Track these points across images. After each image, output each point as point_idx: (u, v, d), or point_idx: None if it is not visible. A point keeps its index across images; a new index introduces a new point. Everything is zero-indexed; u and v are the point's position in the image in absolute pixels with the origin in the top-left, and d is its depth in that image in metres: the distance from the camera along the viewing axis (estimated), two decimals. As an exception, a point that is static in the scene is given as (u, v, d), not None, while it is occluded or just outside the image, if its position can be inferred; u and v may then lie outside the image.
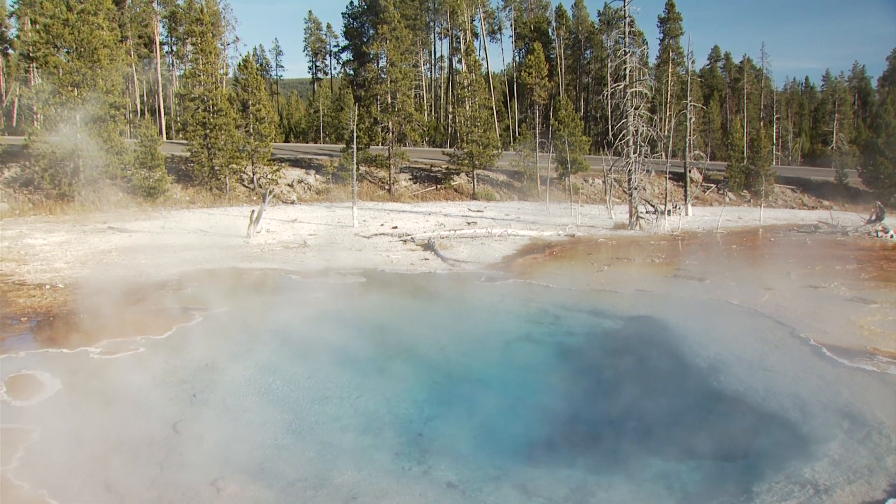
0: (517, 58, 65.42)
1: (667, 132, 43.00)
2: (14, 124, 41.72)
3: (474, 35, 61.87)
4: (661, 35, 61.55)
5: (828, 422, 8.02)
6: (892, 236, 24.75)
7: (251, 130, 32.77)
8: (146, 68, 54.33)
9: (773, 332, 11.48)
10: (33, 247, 18.94)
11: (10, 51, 44.63)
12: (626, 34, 29.42)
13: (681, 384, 10.07)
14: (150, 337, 11.04)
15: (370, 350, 11.88)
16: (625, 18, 29.02)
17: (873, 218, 27.21)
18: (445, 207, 33.48)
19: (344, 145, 38.17)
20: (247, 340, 11.53)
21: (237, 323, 12.29)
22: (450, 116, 55.47)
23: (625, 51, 27.72)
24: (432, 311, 14.08)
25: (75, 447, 7.57)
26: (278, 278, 16.18)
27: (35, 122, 31.83)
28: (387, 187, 36.94)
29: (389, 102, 37.54)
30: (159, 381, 9.60)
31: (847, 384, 8.97)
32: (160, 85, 52.73)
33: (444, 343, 12.45)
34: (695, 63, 55.09)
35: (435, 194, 37.77)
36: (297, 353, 11.24)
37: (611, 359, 11.42)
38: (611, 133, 29.84)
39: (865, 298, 13.76)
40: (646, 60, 57.14)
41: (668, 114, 49.93)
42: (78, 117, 26.67)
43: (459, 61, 57.27)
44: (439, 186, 38.44)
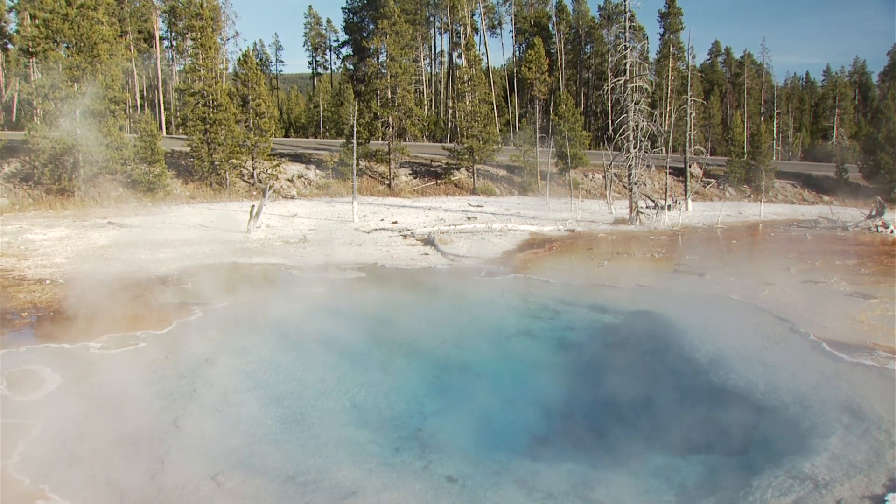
0: (517, 53, 65.29)
1: (667, 127, 43.00)
2: (14, 119, 41.62)
3: (474, 30, 61.71)
4: (662, 30, 61.54)
5: (827, 417, 8.02)
6: (892, 231, 24.74)
7: (251, 125, 32.71)
8: (146, 63, 54.24)
9: (773, 328, 11.49)
10: (33, 242, 18.95)
11: (10, 46, 44.49)
12: (627, 29, 29.42)
13: (680, 379, 10.08)
14: (150, 332, 11.06)
15: (370, 345, 11.91)
16: (625, 13, 29.00)
17: (873, 213, 27.18)
18: (445, 202, 33.47)
19: (344, 140, 38.08)
20: (247, 335, 11.54)
21: (237, 318, 12.30)
22: (450, 111, 55.35)
23: (625, 46, 27.67)
24: (432, 307, 14.09)
25: (76, 442, 7.59)
26: (278, 273, 16.19)
27: (35, 118, 31.74)
28: (387, 182, 36.91)
29: (389, 97, 37.46)
30: (160, 375, 9.62)
31: (847, 379, 8.98)
32: (160, 80, 52.65)
33: (444, 338, 12.47)
34: (695, 58, 55.25)
35: (435, 189, 37.74)
36: (297, 347, 11.25)
37: (610, 354, 11.44)
38: (611, 128, 29.87)
39: (865, 293, 13.76)
40: (646, 55, 57.37)
41: (668, 109, 49.85)
42: (78, 112, 26.64)
43: (459, 56, 57.14)
44: (439, 181, 38.41)
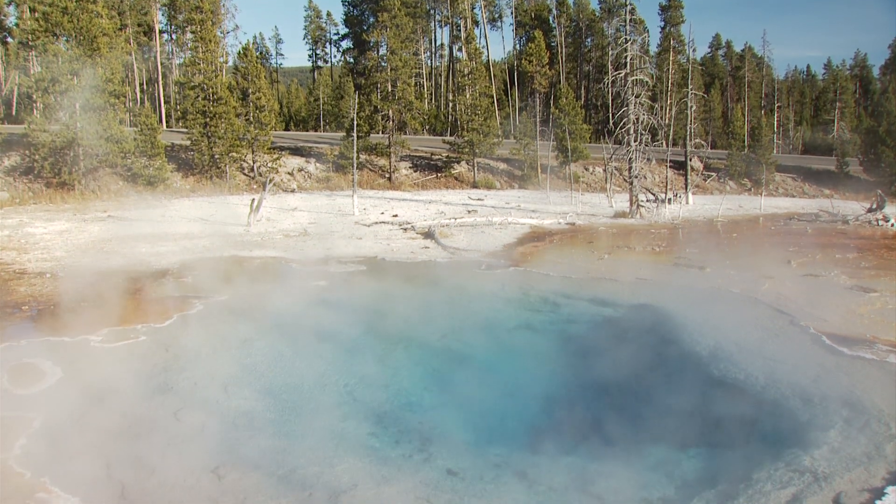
0: (518, 46, 65.14)
1: (668, 120, 42.84)
2: (14, 113, 41.57)
3: (475, 23, 61.54)
4: (662, 23, 61.22)
5: (827, 410, 8.03)
6: (892, 225, 24.71)
7: (251, 119, 32.64)
8: (146, 56, 54.11)
9: (774, 321, 11.49)
10: (34, 235, 18.94)
11: (10, 39, 44.35)
12: (627, 22, 29.30)
13: (681, 372, 10.09)
14: (150, 325, 11.07)
15: (370, 338, 11.92)
16: (626, 6, 28.86)
17: (874, 206, 27.13)
18: (446, 196, 33.42)
19: (344, 134, 38.02)
20: (247, 328, 11.55)
21: (238, 311, 12.30)
22: (450, 105, 55.23)
23: (626, 39, 27.55)
24: (432, 300, 14.09)
25: (77, 435, 7.61)
26: (278, 266, 16.19)
27: (35, 111, 31.72)
28: (387, 176, 36.86)
29: (390, 91, 37.37)
30: (160, 368, 9.64)
31: (847, 372, 8.99)
32: (160, 73, 52.55)
33: (444, 331, 12.48)
34: (696, 51, 54.97)
35: (435, 183, 37.69)
36: (297, 341, 11.26)
37: (610, 347, 11.43)
38: (611, 121, 29.82)
39: (865, 287, 13.75)
40: (647, 48, 56.96)
41: (668, 102, 49.67)
42: (78, 106, 26.57)
43: (460, 49, 56.97)
44: (440, 175, 38.35)
